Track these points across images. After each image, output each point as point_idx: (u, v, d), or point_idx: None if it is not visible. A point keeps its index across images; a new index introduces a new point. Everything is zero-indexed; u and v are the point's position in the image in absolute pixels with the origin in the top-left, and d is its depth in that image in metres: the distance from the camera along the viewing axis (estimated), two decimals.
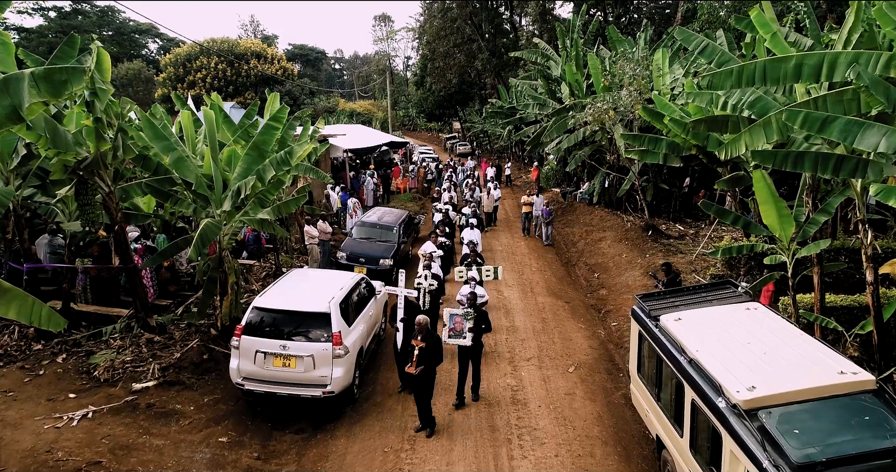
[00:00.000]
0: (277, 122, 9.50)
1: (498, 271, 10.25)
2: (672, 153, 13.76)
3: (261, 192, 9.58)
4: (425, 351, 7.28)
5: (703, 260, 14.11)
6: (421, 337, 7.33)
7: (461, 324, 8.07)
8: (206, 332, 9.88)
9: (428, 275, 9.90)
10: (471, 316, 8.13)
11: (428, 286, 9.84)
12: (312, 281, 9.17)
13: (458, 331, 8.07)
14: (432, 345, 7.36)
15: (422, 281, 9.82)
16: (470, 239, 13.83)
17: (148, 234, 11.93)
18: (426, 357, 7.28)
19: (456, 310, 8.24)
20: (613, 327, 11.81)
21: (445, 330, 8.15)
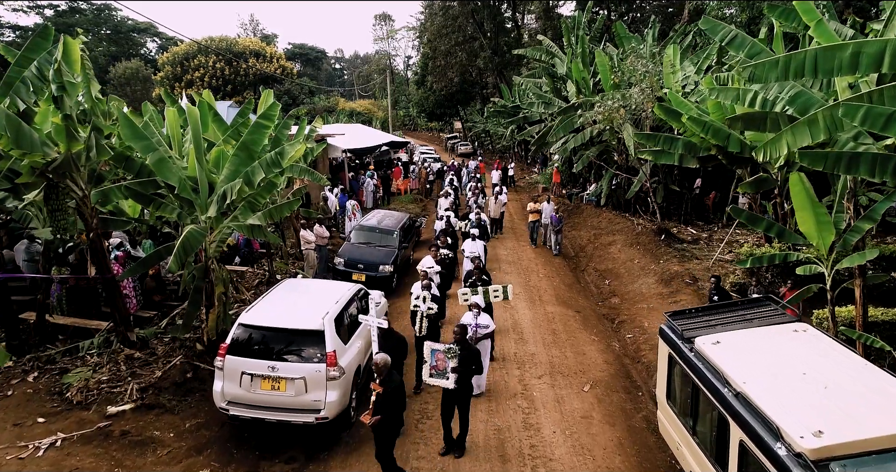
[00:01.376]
0: (268, 120, 8.76)
1: (508, 291, 8.98)
2: (688, 154, 13.04)
3: (250, 195, 8.84)
4: (384, 398, 5.95)
5: (720, 266, 13.37)
6: (380, 380, 6.03)
7: (444, 362, 6.89)
8: (192, 347, 9.15)
9: (427, 296, 8.71)
10: (454, 353, 6.85)
11: (426, 310, 8.64)
12: (305, 293, 8.42)
13: (440, 370, 6.91)
14: (393, 391, 6.00)
15: (419, 304, 8.68)
16: (472, 253, 12.55)
17: (135, 240, 11.19)
18: (385, 405, 5.94)
19: (438, 345, 7.07)
20: (628, 339, 11.07)
21: (426, 367, 7.02)
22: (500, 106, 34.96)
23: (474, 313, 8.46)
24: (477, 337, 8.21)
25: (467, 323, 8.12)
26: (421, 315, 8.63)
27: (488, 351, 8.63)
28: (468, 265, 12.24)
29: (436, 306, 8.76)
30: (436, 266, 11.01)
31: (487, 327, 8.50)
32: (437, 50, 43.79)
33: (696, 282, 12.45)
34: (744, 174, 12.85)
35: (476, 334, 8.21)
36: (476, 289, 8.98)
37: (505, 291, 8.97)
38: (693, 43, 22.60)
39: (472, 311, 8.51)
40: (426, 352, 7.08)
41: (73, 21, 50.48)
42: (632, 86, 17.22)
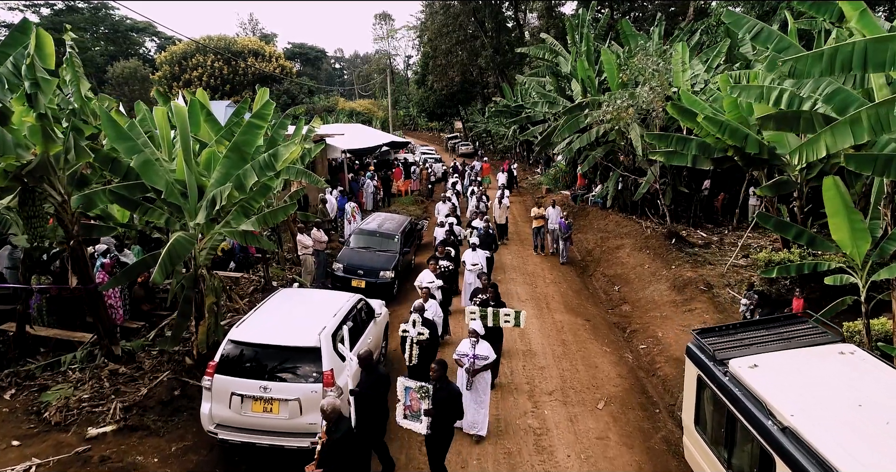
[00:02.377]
0: (261, 119, 8.22)
1: (521, 318, 8.03)
2: (702, 155, 12.51)
3: (243, 200, 8.30)
4: (330, 449, 5.14)
5: (735, 272, 12.84)
6: (326, 428, 5.26)
7: (417, 403, 6.03)
8: (181, 361, 8.61)
9: (417, 321, 7.68)
10: (425, 393, 5.94)
11: (416, 336, 7.63)
12: (301, 305, 7.88)
13: (414, 411, 6.05)
14: (341, 440, 5.17)
15: (408, 328, 7.68)
16: (474, 265, 11.48)
17: (123, 246, 10.65)
18: (332, 457, 5.12)
19: (411, 382, 6.11)
20: (642, 350, 10.53)
21: (400, 407, 6.14)
22: (502, 106, 34.40)
23: (472, 341, 7.35)
24: (474, 369, 7.17)
25: (463, 353, 7.27)
26: (410, 342, 7.63)
27: (488, 386, 7.48)
28: (469, 278, 11.51)
29: (427, 331, 7.61)
30: (436, 281, 10.07)
31: (486, 358, 7.34)
32: (438, 49, 43.23)
33: (710, 289, 11.91)
34: (760, 176, 12.32)
35: (473, 366, 7.19)
36: (485, 310, 8.09)
37: (517, 317, 8.05)
38: (700, 41, 22.10)
39: (470, 338, 7.41)
40: (399, 389, 6.15)
41: (70, 19, 49.93)
42: (639, 85, 16.69)
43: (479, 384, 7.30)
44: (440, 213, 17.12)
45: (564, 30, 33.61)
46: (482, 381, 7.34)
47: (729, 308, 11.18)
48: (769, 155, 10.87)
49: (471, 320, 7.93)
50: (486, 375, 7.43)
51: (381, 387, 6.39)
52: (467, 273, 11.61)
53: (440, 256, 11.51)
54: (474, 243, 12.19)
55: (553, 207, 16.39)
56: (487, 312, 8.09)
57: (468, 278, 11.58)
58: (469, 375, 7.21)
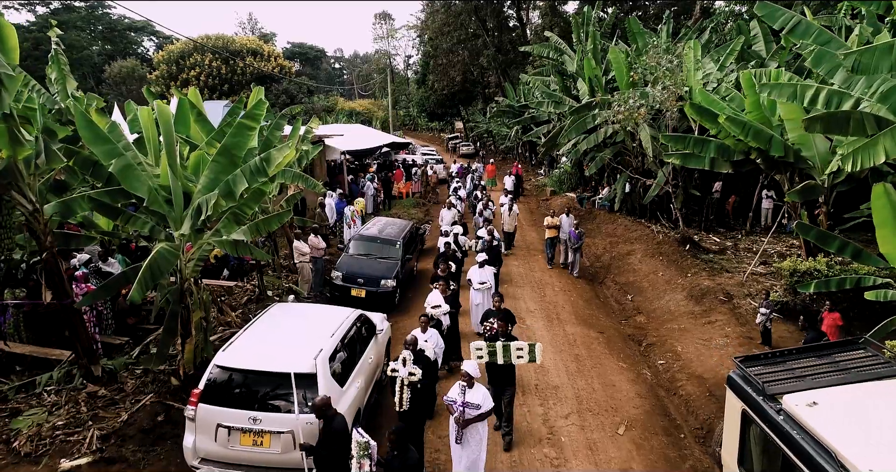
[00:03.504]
0: (253, 120, 7.57)
1: (536, 352, 6.96)
2: (721, 157, 11.87)
3: (233, 207, 7.65)
4: None
5: (755, 280, 12.19)
6: None
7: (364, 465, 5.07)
8: (166, 381, 7.96)
9: (408, 358, 6.51)
10: (367, 452, 5.06)
11: (406, 376, 6.44)
12: (295, 323, 7.21)
13: None
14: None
15: (397, 367, 6.52)
16: (481, 284, 10.35)
17: (108, 254, 9.99)
18: None
19: (358, 434, 5.16)
20: (660, 366, 9.88)
21: (354, 464, 5.13)
22: (504, 105, 33.74)
23: (461, 385, 6.07)
24: (464, 419, 5.99)
25: (451, 400, 6.10)
26: (401, 383, 6.47)
27: (483, 441, 6.18)
28: (476, 298, 10.46)
29: (419, 371, 6.45)
30: (444, 305, 8.79)
31: (479, 407, 6.01)
32: (439, 48, 42.59)
33: (730, 299, 11.26)
34: (782, 180, 11.68)
35: (463, 416, 5.99)
36: (493, 345, 6.96)
37: (532, 351, 6.96)
38: (709, 40, 21.47)
39: (461, 382, 6.10)
40: (353, 442, 5.19)
41: (66, 18, 49.29)
42: (648, 84, 16.06)
43: (470, 438, 6.07)
44: (444, 220, 16.06)
45: (568, 28, 33.01)
46: (475, 434, 6.10)
47: (751, 320, 10.52)
48: (795, 158, 10.24)
49: (476, 358, 6.91)
50: (482, 427, 6.14)
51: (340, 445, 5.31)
52: (473, 293, 10.58)
53: (443, 274, 10.20)
54: (483, 259, 10.83)
55: (567, 216, 15.13)
56: (496, 347, 6.97)
57: (474, 297, 10.54)
58: (458, 426, 6.04)
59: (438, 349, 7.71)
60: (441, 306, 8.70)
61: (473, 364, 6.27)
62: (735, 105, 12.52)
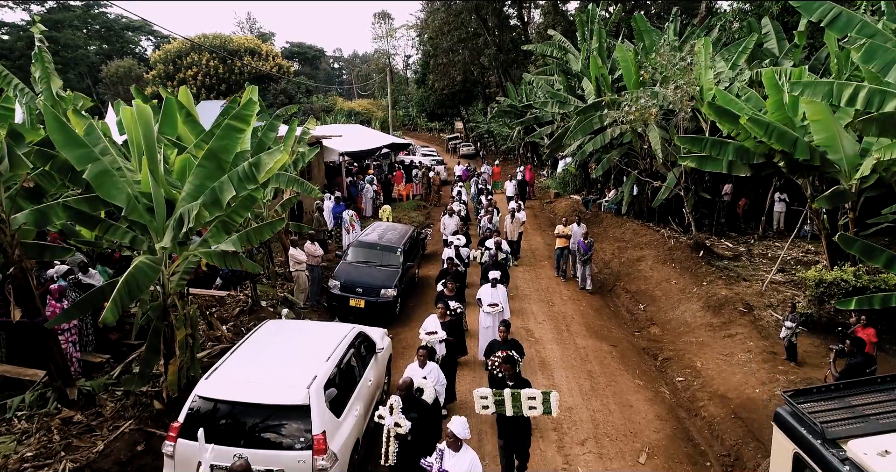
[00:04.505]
0: (241, 121, 6.95)
1: (551, 402, 5.83)
2: (739, 160, 11.26)
3: (221, 216, 7.03)
4: None
5: (774, 290, 11.59)
6: None
7: None
8: (148, 405, 7.34)
9: (395, 404, 5.58)
10: None
11: (392, 427, 5.57)
12: (288, 345, 6.59)
13: None
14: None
15: (384, 415, 5.62)
16: (493, 307, 9.15)
17: (89, 265, 9.36)
18: None
19: None
20: (679, 383, 9.28)
21: None
22: (506, 105, 33.11)
23: (440, 450, 4.92)
24: None
25: (428, 465, 4.95)
26: (387, 433, 5.62)
27: None
28: (486, 321, 9.17)
29: (406, 423, 5.50)
30: (440, 332, 7.68)
31: None
32: (439, 47, 41.99)
33: (750, 311, 10.66)
34: (804, 184, 11.07)
35: None
36: (501, 393, 5.84)
37: (547, 401, 5.82)
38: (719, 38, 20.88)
39: (444, 443, 4.94)
40: None
41: (62, 17, 48.64)
42: (657, 83, 15.46)
43: None
44: (446, 229, 14.98)
45: (570, 27, 32.46)
46: None
47: (774, 334, 9.93)
48: (821, 161, 9.64)
49: (481, 408, 5.93)
50: None
51: None
52: (483, 315, 9.35)
53: (449, 294, 9.18)
54: (494, 278, 9.55)
55: (579, 225, 14.11)
56: (504, 396, 5.86)
57: (484, 320, 9.29)
58: None
59: (440, 386, 6.73)
60: (437, 333, 7.63)
61: (461, 423, 4.94)
62: (752, 105, 11.93)
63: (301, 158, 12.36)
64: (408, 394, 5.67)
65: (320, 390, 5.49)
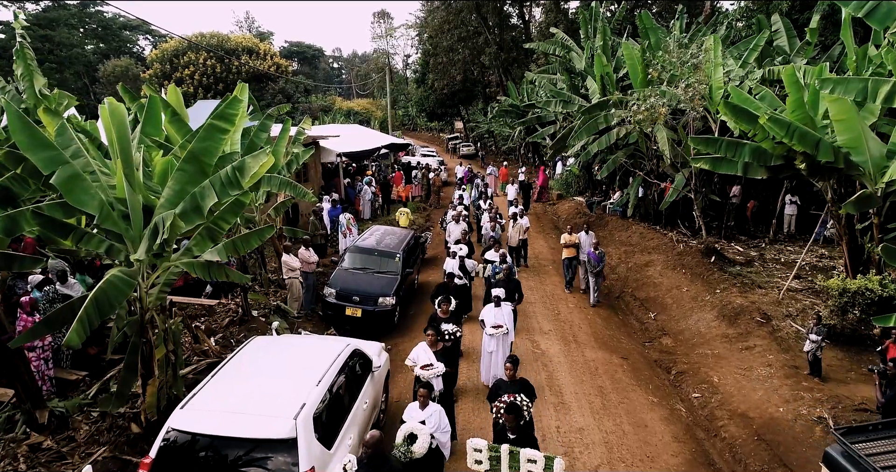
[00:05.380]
0: (226, 121, 6.39)
1: (554, 468, 5.04)
2: (756, 162, 10.71)
3: (203, 224, 6.47)
4: None
5: (792, 298, 11.03)
6: None
7: None
8: (125, 428, 6.78)
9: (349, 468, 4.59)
10: None
11: None
12: (274, 367, 5.98)
13: None
14: None
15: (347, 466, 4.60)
16: (496, 327, 8.14)
17: (65, 275, 8.77)
18: None
19: None
20: (696, 400, 8.72)
21: None
22: (507, 105, 32.55)
23: None
24: None
25: None
26: None
27: None
28: (490, 345, 8.18)
29: None
30: (437, 365, 6.68)
31: None
32: (439, 46, 41.45)
33: (768, 321, 10.10)
34: (825, 188, 10.51)
35: None
36: (498, 449, 5.16)
37: (549, 467, 5.03)
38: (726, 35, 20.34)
39: None
40: None
41: (56, 15, 48.04)
42: (664, 82, 14.91)
43: None
44: (451, 235, 14.04)
45: (572, 25, 31.90)
46: None
47: (794, 346, 9.39)
48: (845, 163, 9.09)
49: (474, 463, 5.20)
50: None
51: None
52: (486, 339, 8.35)
53: (443, 316, 8.04)
54: (497, 296, 8.59)
55: (586, 233, 13.10)
56: (501, 453, 5.18)
57: (487, 344, 8.30)
58: None
59: (442, 434, 5.69)
60: (434, 366, 6.67)
61: None
62: (766, 104, 11.39)
63: (295, 159, 11.80)
64: (375, 452, 4.73)
65: (309, 420, 4.93)
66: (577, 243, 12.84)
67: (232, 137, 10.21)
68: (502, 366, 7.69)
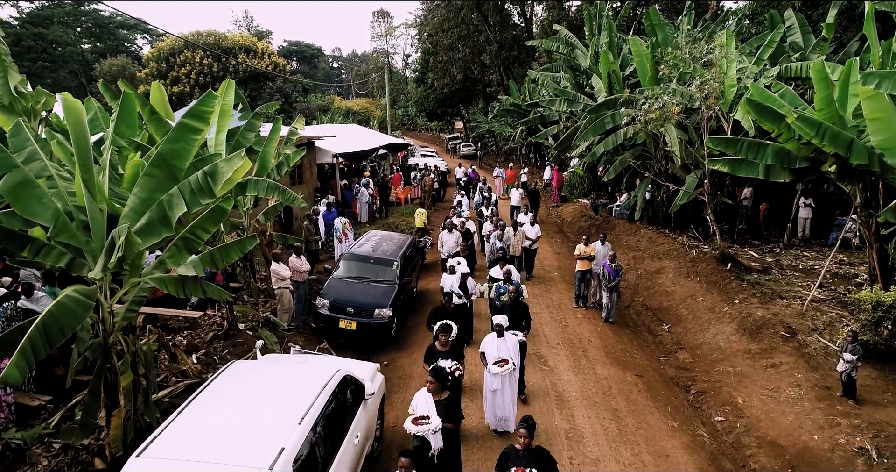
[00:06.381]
0: (199, 120, 5.69)
1: None
2: (779, 164, 10.01)
3: (170, 237, 5.76)
4: None
5: (816, 310, 10.32)
6: None
7: None
8: (89, 463, 6.07)
9: None
10: None
11: None
12: (253, 399, 5.21)
13: None
14: None
15: None
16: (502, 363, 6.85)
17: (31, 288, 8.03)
18: None
19: None
20: (719, 424, 8.00)
21: None
22: (509, 104, 31.85)
23: None
24: None
25: None
26: None
27: None
28: (493, 383, 6.90)
29: None
30: (435, 419, 5.49)
31: None
32: (439, 45, 40.76)
33: (794, 335, 9.39)
34: (854, 192, 9.81)
35: None
36: None
37: None
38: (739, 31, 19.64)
39: None
40: None
41: (50, 13, 47.35)
42: (674, 79, 14.20)
43: None
44: (444, 246, 12.71)
45: (573, 24, 31.19)
46: None
47: (823, 364, 8.69)
48: (880, 167, 8.39)
49: None
50: None
51: None
52: (489, 377, 7.02)
53: (442, 349, 6.86)
54: (499, 325, 7.27)
55: (602, 244, 11.89)
56: None
57: (491, 382, 6.95)
58: None
59: None
60: (430, 421, 5.48)
61: None
62: (787, 101, 10.69)
63: (286, 161, 11.10)
64: None
65: (288, 464, 4.21)
66: (592, 256, 11.59)
67: (217, 137, 9.57)
68: (510, 407, 6.95)
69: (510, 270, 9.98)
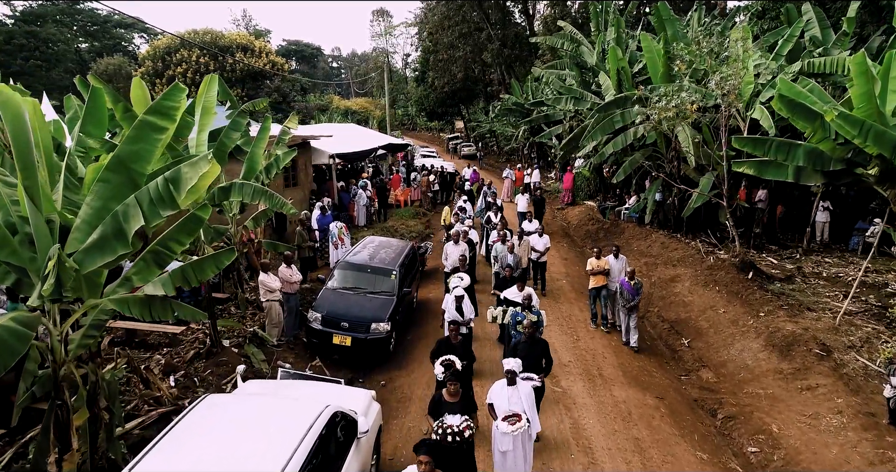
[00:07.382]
0: (163, 117, 4.90)
1: None
2: (810, 166, 9.21)
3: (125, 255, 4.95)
4: None
5: (850, 323, 9.52)
6: None
7: None
8: None
9: None
10: None
11: None
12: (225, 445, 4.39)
13: None
14: None
15: None
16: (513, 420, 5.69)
17: None
18: None
19: None
20: (753, 456, 7.21)
21: None
22: (511, 103, 31.05)
23: None
24: None
25: None
26: None
27: None
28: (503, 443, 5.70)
29: None
30: None
31: None
32: (440, 43, 40.02)
33: (829, 354, 8.59)
34: (892, 195, 9.01)
35: None
36: None
37: None
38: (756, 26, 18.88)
39: None
40: None
41: (44, 11, 46.54)
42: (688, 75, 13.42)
43: None
44: (448, 260, 11.52)
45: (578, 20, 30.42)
46: None
47: (864, 386, 7.88)
48: None
49: None
50: None
51: None
52: (499, 436, 5.77)
53: (450, 400, 5.62)
54: (511, 370, 5.97)
55: (616, 257, 10.55)
56: None
57: (501, 442, 5.73)
58: None
59: None
60: None
61: None
62: (815, 97, 9.90)
63: (276, 162, 10.30)
64: None
65: None
66: (606, 270, 10.38)
67: (199, 137, 8.77)
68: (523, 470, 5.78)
69: (531, 295, 8.44)
